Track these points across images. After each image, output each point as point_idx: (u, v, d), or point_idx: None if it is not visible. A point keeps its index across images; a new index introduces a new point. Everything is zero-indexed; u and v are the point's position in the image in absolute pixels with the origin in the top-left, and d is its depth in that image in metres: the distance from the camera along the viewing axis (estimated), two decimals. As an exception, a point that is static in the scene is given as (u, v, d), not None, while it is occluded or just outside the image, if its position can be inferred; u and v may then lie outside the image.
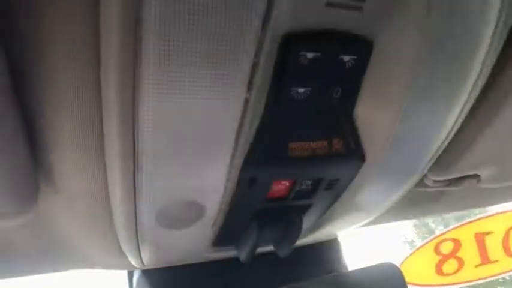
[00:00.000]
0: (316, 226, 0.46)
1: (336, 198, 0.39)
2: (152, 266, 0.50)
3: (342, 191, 0.38)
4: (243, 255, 0.42)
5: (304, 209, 0.40)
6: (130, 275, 0.57)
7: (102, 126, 0.26)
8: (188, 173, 0.28)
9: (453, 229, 1.71)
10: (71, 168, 0.29)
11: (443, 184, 0.56)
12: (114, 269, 0.51)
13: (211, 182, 0.29)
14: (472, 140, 0.45)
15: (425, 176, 0.55)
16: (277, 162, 0.31)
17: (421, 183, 0.58)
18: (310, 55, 0.27)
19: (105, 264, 0.49)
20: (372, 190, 0.39)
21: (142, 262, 0.45)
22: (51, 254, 0.45)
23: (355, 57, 0.28)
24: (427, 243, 1.75)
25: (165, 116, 0.24)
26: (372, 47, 0.29)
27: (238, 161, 0.29)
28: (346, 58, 0.28)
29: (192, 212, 0.32)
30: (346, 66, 0.29)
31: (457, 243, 1.74)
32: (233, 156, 0.28)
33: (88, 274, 0.54)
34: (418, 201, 0.67)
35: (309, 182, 0.36)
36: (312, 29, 0.26)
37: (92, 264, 0.49)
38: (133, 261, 0.44)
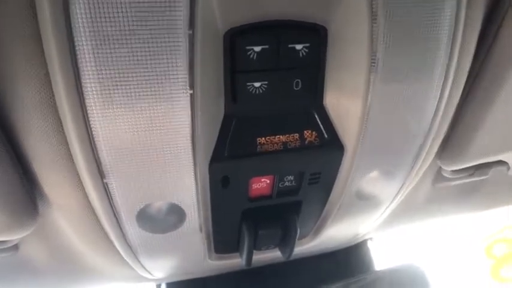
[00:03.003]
0: (324, 225, 0.45)
1: (326, 192, 0.39)
2: (165, 277, 0.51)
3: (330, 184, 0.37)
4: (243, 260, 0.42)
5: (297, 207, 0.39)
6: None
7: (67, 143, 0.27)
8: (153, 174, 0.29)
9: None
10: (53, 187, 0.31)
11: (465, 175, 0.53)
12: (131, 282, 0.53)
13: (180, 181, 0.30)
14: (475, 123, 0.43)
15: (441, 168, 0.53)
16: (245, 158, 0.31)
17: (441, 176, 0.55)
18: (257, 48, 0.27)
19: (121, 277, 0.50)
20: (366, 178, 0.38)
21: (150, 273, 0.46)
22: (69, 271, 0.47)
23: (307, 45, 0.28)
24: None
25: (114, 120, 0.25)
26: (325, 33, 0.29)
27: (205, 160, 0.30)
28: (298, 47, 0.28)
29: (171, 214, 0.33)
30: (300, 56, 0.29)
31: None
32: (194, 153, 0.28)
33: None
34: (451, 197, 0.64)
35: (291, 178, 0.36)
36: (255, 22, 0.27)
37: (109, 279, 0.51)
38: (141, 272, 0.45)
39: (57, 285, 0.49)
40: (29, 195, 0.32)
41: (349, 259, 0.67)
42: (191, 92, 0.25)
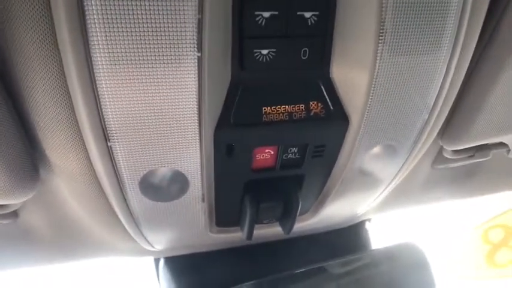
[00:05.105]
0: (325, 201, 0.45)
1: (329, 166, 0.39)
2: (165, 250, 0.52)
3: (333, 157, 0.37)
4: (244, 233, 0.42)
5: (299, 181, 0.39)
6: (157, 264, 0.60)
7: (72, 103, 0.27)
8: (158, 139, 0.29)
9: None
10: (55, 149, 0.31)
11: (465, 156, 0.53)
12: (130, 255, 0.53)
13: (185, 148, 0.30)
14: (478, 101, 0.42)
15: (443, 148, 0.53)
16: (251, 127, 0.31)
17: (441, 158, 0.55)
18: (266, 14, 0.27)
19: (121, 250, 0.51)
20: (369, 153, 0.38)
21: (151, 245, 0.47)
22: (69, 241, 0.47)
23: (316, 13, 0.28)
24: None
25: (122, 80, 0.25)
26: (334, 2, 0.29)
27: (210, 127, 0.30)
28: (307, 14, 0.28)
29: (175, 182, 0.33)
30: (309, 24, 0.28)
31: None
32: (200, 119, 0.28)
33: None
34: (449, 181, 0.64)
35: (295, 150, 0.35)
36: None
37: (109, 252, 0.51)
38: (142, 244, 0.46)
39: (56, 256, 0.49)
40: (30, 158, 0.32)
41: (347, 239, 0.67)
42: (199, 54, 0.25)
